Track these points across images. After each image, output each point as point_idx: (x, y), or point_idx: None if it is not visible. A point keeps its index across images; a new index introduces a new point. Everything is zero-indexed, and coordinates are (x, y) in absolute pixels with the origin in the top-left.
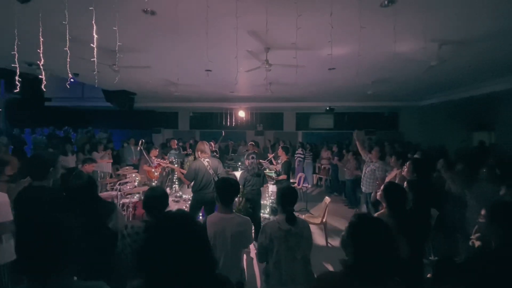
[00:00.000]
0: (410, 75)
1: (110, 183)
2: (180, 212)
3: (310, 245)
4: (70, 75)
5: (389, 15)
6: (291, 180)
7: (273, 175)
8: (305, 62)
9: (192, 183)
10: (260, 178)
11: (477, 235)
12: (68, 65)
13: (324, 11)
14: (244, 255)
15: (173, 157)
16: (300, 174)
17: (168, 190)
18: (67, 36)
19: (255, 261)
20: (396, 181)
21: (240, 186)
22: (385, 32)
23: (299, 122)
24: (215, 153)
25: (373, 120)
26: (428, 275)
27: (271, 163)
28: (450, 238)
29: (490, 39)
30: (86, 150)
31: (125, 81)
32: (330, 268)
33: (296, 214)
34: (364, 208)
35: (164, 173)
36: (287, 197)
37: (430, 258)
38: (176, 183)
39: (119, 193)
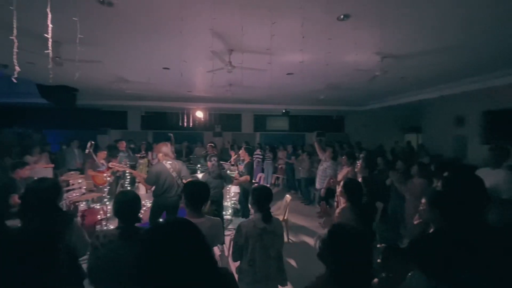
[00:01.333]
0: (358, 83)
1: None
2: (181, 219)
3: (282, 242)
4: None
5: (343, 28)
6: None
7: (234, 175)
8: (266, 66)
9: (153, 188)
10: (222, 180)
11: (417, 221)
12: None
13: (291, 20)
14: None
15: (124, 160)
16: (259, 175)
17: None
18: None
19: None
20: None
21: None
22: (339, 43)
23: (257, 123)
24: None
25: (323, 123)
26: (378, 260)
27: (232, 165)
28: (394, 227)
29: (422, 55)
30: (15, 154)
31: (66, 76)
32: (293, 263)
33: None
34: (324, 205)
35: (114, 178)
36: (264, 196)
37: (377, 245)
38: (128, 187)
39: (64, 201)
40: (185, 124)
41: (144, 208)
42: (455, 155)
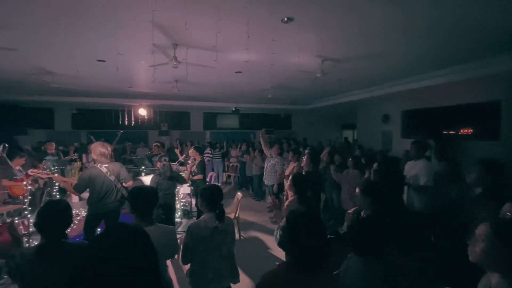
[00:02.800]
0: (301, 84)
1: None
2: (130, 226)
3: (234, 240)
4: None
5: (288, 30)
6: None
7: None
8: (214, 63)
9: (86, 194)
10: (174, 181)
11: (353, 209)
12: None
13: (237, 19)
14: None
15: (49, 165)
16: (210, 173)
17: None
18: None
19: (170, 268)
20: (294, 173)
21: None
22: (284, 45)
23: (207, 121)
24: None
25: (272, 121)
26: None
27: (182, 164)
28: (335, 215)
29: (355, 60)
30: None
31: None
32: (245, 260)
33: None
34: (269, 199)
35: (37, 186)
36: (215, 195)
37: None
38: (58, 196)
39: None
40: (126, 122)
41: (78, 218)
42: (383, 148)
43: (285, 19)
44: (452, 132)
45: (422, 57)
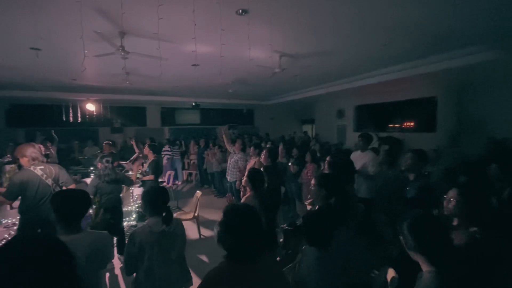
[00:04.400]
0: (260, 79)
1: None
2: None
3: (184, 242)
4: None
5: (243, 23)
6: (160, 180)
7: (139, 175)
8: (168, 55)
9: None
10: (119, 185)
11: (309, 200)
12: None
13: (186, 6)
14: (107, 273)
15: None
16: (169, 172)
17: None
18: None
19: (120, 277)
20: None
21: (91, 196)
22: (240, 38)
23: (165, 117)
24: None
25: (235, 116)
26: (281, 240)
27: (133, 163)
28: (293, 208)
29: (310, 57)
30: None
31: None
32: (205, 259)
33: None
34: (230, 196)
35: None
36: (159, 197)
37: (281, 226)
38: None
39: None
40: (72, 119)
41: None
42: (338, 141)
43: (240, 10)
44: (398, 125)
45: (370, 55)
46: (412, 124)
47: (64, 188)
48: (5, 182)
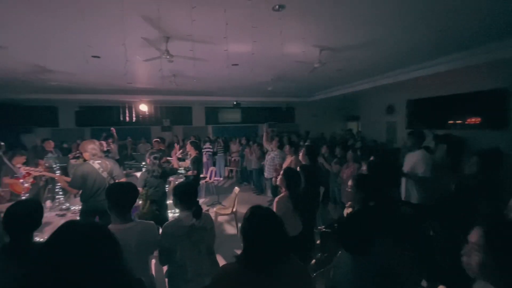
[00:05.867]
0: (300, 74)
1: None
2: (88, 223)
3: (213, 236)
4: None
5: (280, 19)
6: (202, 175)
7: (183, 171)
8: (209, 57)
9: (81, 191)
10: (164, 180)
11: (349, 203)
12: None
13: (219, 8)
14: (153, 260)
15: (51, 162)
16: (211, 168)
17: (49, 203)
18: None
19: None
20: (292, 166)
21: (140, 189)
22: (277, 34)
23: (209, 116)
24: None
25: (274, 114)
26: (317, 242)
27: (180, 159)
28: (333, 209)
29: (355, 48)
30: None
31: None
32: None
33: (207, 207)
34: (269, 193)
35: (40, 183)
36: (188, 192)
37: (319, 228)
38: (60, 193)
39: None
40: (128, 118)
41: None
42: (387, 140)
43: (277, 6)
44: (459, 121)
45: (423, 43)
46: (476, 120)
47: (116, 181)
48: (71, 174)
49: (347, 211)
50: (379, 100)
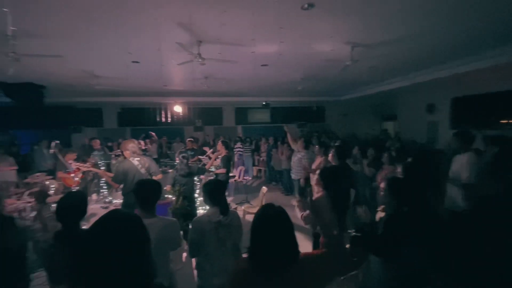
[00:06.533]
0: (331, 73)
1: (16, 194)
2: (123, 212)
3: (240, 233)
4: None
5: (309, 17)
6: (231, 174)
7: (213, 169)
8: (239, 58)
9: (122, 186)
10: (191, 178)
11: (382, 207)
12: None
13: (248, 10)
14: (184, 253)
15: (97, 159)
16: (240, 168)
17: (94, 196)
18: None
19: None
20: (321, 167)
21: (168, 186)
22: (307, 33)
23: (238, 116)
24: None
25: (304, 114)
26: (347, 246)
27: (210, 158)
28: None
29: (389, 45)
30: None
31: (30, 72)
32: None
33: (235, 205)
34: (297, 194)
35: (88, 178)
36: (216, 190)
37: (349, 231)
38: (104, 187)
39: (28, 204)
40: (164, 119)
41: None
42: (428, 140)
43: (306, 5)
44: None
45: (469, 35)
46: None
47: (153, 177)
48: (113, 170)
49: (379, 215)
50: (419, 98)
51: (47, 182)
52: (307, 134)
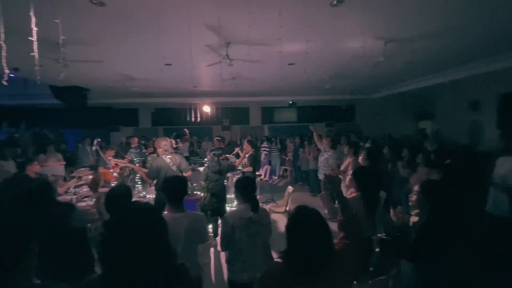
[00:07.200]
0: (362, 70)
1: (63, 187)
2: (144, 204)
3: (269, 231)
4: (6, 70)
5: (338, 14)
6: (257, 173)
7: (240, 167)
8: (266, 58)
9: (155, 181)
10: (222, 175)
11: (416, 211)
12: (4, 60)
13: (275, 10)
14: (212, 248)
15: (133, 156)
16: (266, 167)
17: None
18: (1, 27)
19: (222, 253)
20: (350, 168)
21: (203, 182)
22: (336, 30)
23: (265, 116)
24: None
25: (333, 113)
26: (376, 250)
27: (238, 157)
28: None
29: (426, 39)
30: (30, 152)
31: (76, 76)
32: None
33: (261, 204)
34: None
35: (124, 173)
36: (248, 186)
37: (378, 235)
38: (139, 182)
39: (74, 196)
40: (193, 119)
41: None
42: (471, 141)
43: (335, 1)
44: None
45: None
46: None
47: (184, 173)
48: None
49: (413, 219)
50: (460, 95)
51: (90, 177)
52: (335, 133)
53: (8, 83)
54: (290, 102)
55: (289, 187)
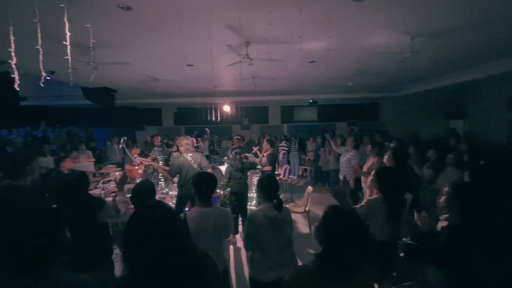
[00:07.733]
0: (387, 67)
1: (93, 182)
2: (160, 203)
3: (292, 229)
4: (43, 73)
5: (361, 8)
6: (276, 172)
7: (259, 166)
8: (286, 56)
9: (177, 179)
10: (244, 173)
11: (445, 216)
12: (41, 63)
13: (296, 8)
14: (231, 246)
15: (156, 154)
16: (285, 166)
17: None
18: (39, 33)
19: (241, 251)
20: (373, 168)
21: (225, 180)
22: (359, 25)
23: (284, 115)
24: (199, 148)
25: (355, 111)
26: (401, 254)
27: (256, 156)
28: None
29: (457, 32)
30: (64, 150)
31: (104, 78)
32: (312, 252)
33: None
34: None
35: (149, 171)
36: (271, 185)
37: (403, 239)
38: (162, 180)
39: (102, 191)
40: (214, 118)
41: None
42: (508, 141)
43: None
44: None
45: None
46: None
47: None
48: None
49: (441, 224)
50: (495, 92)
51: (116, 173)
52: (357, 133)
53: (44, 85)
54: (311, 101)
55: (309, 187)
